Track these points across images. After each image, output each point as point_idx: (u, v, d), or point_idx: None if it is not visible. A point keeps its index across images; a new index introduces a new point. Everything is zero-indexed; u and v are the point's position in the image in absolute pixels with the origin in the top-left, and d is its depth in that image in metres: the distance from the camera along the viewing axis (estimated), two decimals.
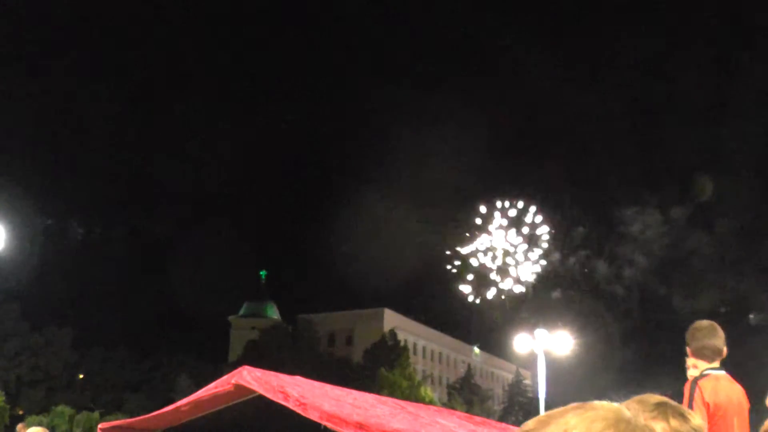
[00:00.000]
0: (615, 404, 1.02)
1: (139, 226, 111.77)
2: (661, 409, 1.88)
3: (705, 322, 5.50)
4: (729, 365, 5.34)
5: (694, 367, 5.35)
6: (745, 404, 5.28)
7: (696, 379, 5.21)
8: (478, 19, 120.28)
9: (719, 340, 5.37)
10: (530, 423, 1.01)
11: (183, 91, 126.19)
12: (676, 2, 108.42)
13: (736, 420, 5.12)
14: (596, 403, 1.01)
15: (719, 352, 5.36)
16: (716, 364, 5.34)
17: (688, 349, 5.37)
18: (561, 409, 1.01)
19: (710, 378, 5.20)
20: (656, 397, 1.95)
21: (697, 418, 1.96)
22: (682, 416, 1.87)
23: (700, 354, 5.31)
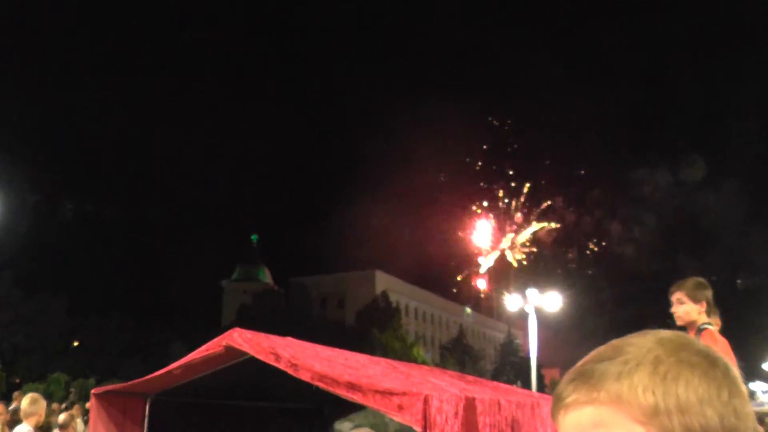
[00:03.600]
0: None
1: (133, 194, 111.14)
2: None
3: (702, 278, 5.57)
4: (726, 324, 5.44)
5: (700, 317, 5.40)
6: (734, 360, 5.37)
7: (699, 331, 5.29)
8: (475, 20, 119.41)
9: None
10: (603, 350, 1.03)
11: (182, 68, 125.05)
12: None
13: None
14: (663, 331, 1.03)
15: (713, 307, 5.46)
16: (710, 318, 5.43)
17: (703, 302, 5.41)
18: (629, 336, 1.03)
19: (710, 331, 5.29)
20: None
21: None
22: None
23: (711, 308, 5.40)
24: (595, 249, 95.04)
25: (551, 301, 34.23)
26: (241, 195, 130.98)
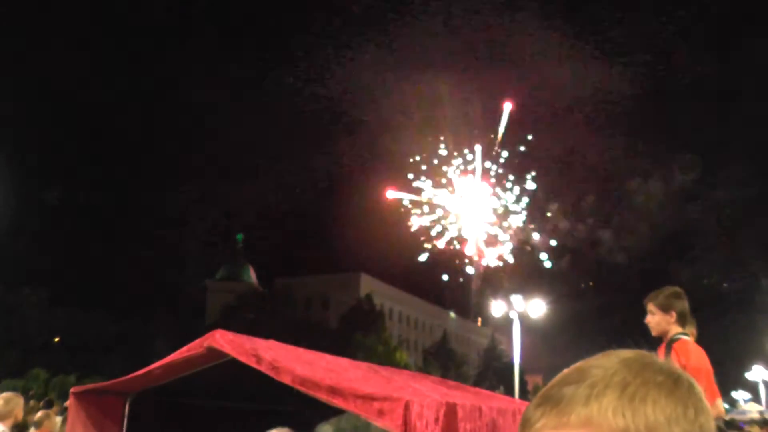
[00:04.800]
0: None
1: (117, 189, 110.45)
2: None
3: (678, 288, 5.58)
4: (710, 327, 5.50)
5: (671, 327, 5.42)
6: (711, 368, 5.39)
7: (671, 342, 5.30)
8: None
9: (688, 305, 5.49)
10: (568, 373, 1.03)
11: (174, 58, 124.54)
12: None
13: (705, 382, 5.23)
14: (624, 351, 1.04)
15: (688, 317, 5.47)
16: (686, 329, 5.45)
17: (672, 313, 5.43)
18: (592, 358, 1.04)
19: (683, 341, 5.30)
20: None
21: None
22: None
23: (682, 318, 5.41)
24: (589, 258, 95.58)
25: (535, 307, 34.40)
26: (228, 193, 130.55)
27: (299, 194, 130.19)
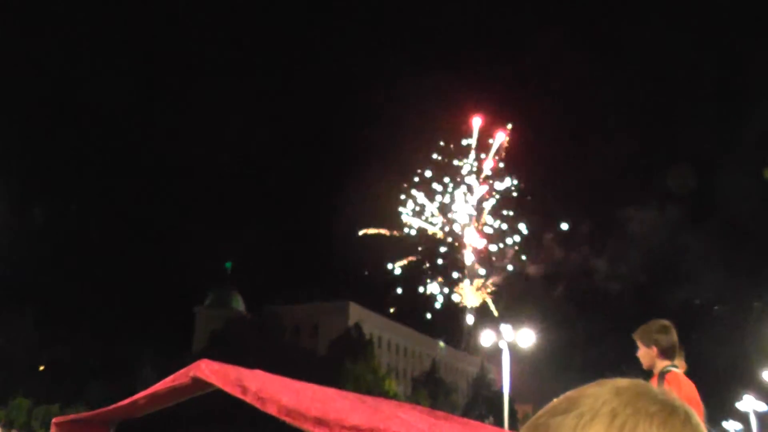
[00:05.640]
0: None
1: (103, 213, 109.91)
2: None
3: (667, 322, 5.58)
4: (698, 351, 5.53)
5: (656, 361, 5.42)
6: (700, 402, 5.38)
7: (662, 374, 5.29)
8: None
9: (676, 338, 5.48)
10: (559, 402, 0.99)
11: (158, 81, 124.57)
12: None
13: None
14: (620, 379, 1.00)
15: (677, 350, 5.47)
16: (675, 361, 5.44)
17: (654, 347, 5.43)
18: (586, 386, 1.00)
19: (674, 374, 5.29)
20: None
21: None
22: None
23: (666, 352, 5.40)
24: (583, 286, 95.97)
25: (525, 336, 34.30)
26: (218, 220, 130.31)
27: (289, 222, 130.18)
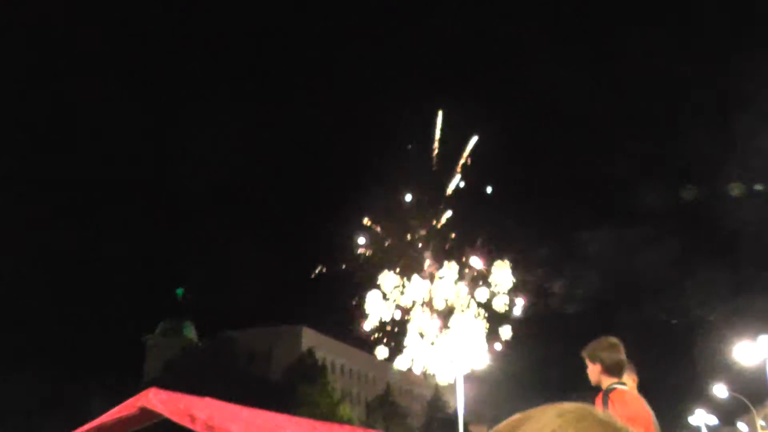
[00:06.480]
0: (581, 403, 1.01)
1: (50, 239, 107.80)
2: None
3: (615, 339, 5.63)
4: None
5: (602, 378, 5.47)
6: (651, 416, 5.44)
7: (607, 392, 5.33)
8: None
9: (623, 355, 5.54)
10: (502, 426, 1.00)
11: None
12: None
13: (644, 430, 5.28)
14: (564, 403, 1.01)
15: (624, 367, 5.52)
16: (621, 378, 5.49)
17: (598, 364, 5.48)
18: (531, 410, 1.01)
19: (618, 392, 5.34)
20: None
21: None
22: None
23: (611, 369, 5.44)
24: (540, 307, 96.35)
25: (479, 359, 34.45)
26: (169, 246, 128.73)
27: (242, 247, 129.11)
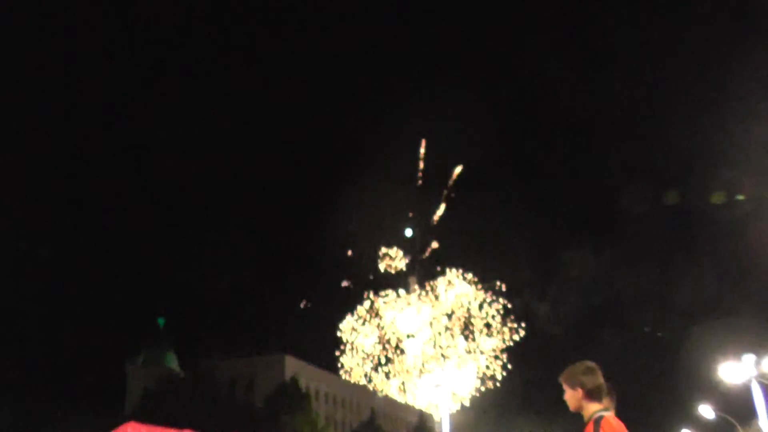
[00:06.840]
0: None
1: (30, 267, 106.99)
2: None
3: (592, 363, 5.51)
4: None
5: (583, 404, 5.34)
6: None
7: (598, 421, 5.20)
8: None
9: (602, 379, 5.42)
10: None
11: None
12: None
13: None
14: None
15: (604, 390, 5.40)
16: (602, 403, 5.37)
17: (579, 389, 5.35)
18: None
19: (607, 420, 5.22)
20: None
21: None
22: None
23: (592, 394, 5.32)
24: (522, 332, 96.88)
25: (464, 383, 34.19)
26: (150, 275, 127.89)
27: (224, 277, 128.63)
